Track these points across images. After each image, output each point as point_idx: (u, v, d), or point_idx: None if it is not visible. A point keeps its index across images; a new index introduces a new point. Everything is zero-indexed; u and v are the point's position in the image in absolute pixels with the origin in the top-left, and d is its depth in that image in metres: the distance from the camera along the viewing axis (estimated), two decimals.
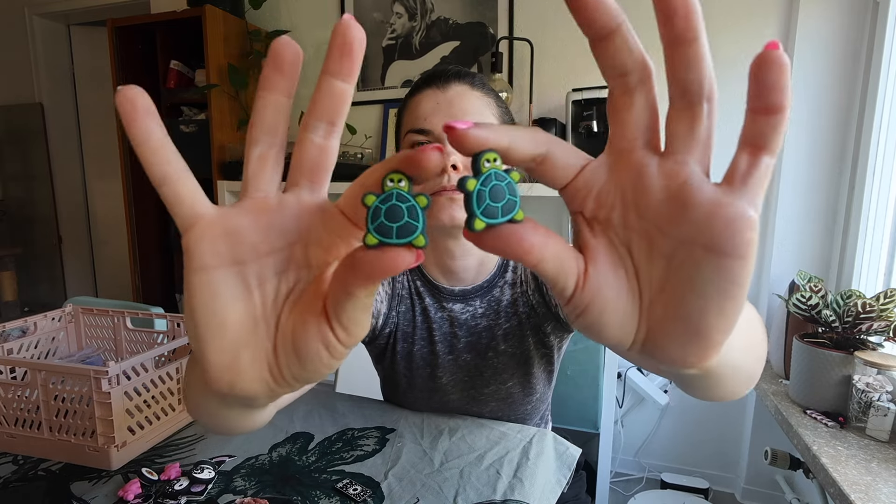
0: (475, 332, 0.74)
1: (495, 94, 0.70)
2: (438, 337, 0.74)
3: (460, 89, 0.66)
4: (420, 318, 0.75)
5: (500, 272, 0.74)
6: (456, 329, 0.74)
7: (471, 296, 0.74)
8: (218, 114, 1.89)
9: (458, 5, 1.89)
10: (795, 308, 1.24)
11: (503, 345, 0.73)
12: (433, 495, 0.61)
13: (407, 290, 0.76)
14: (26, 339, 0.89)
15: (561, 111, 1.69)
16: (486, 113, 0.66)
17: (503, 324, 0.73)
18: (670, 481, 1.74)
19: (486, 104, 0.67)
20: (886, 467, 0.97)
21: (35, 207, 2.97)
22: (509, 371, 0.74)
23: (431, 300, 0.75)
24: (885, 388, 1.08)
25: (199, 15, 1.82)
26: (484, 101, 0.67)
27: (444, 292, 0.74)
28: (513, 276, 0.74)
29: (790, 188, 1.56)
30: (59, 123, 2.89)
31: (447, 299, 0.74)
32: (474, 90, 0.67)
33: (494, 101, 0.69)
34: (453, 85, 0.66)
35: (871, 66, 1.41)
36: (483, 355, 0.74)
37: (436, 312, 0.74)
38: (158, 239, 2.20)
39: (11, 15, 2.78)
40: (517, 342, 0.73)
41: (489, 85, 0.70)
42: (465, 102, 0.65)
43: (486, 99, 0.68)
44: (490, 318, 0.73)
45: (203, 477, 0.63)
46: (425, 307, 0.74)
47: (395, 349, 0.76)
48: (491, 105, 0.68)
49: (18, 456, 0.70)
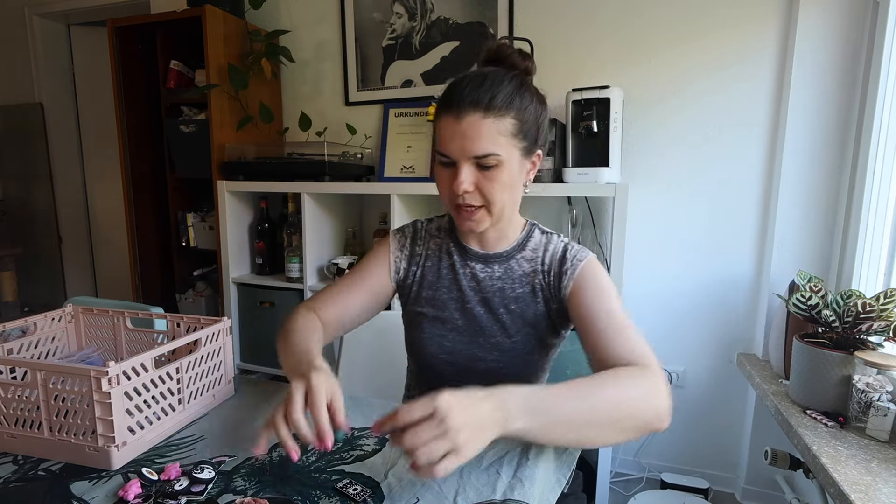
0: (490, 290, 0.87)
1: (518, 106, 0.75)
2: (460, 286, 0.89)
3: (472, 119, 0.73)
4: (446, 270, 0.90)
5: (518, 248, 0.88)
6: (475, 284, 0.88)
7: (491, 260, 0.88)
8: (218, 114, 1.89)
9: (458, 5, 1.89)
10: (795, 308, 1.24)
11: (513, 305, 0.86)
12: (433, 495, 0.61)
13: (436, 250, 0.92)
14: (26, 339, 0.89)
15: (561, 111, 1.69)
16: (498, 139, 0.74)
17: (516, 288, 0.87)
18: (670, 481, 1.74)
19: (498, 130, 0.74)
20: (886, 467, 0.97)
21: (35, 207, 2.97)
22: (515, 328, 0.86)
23: (458, 258, 0.90)
24: (885, 388, 1.08)
25: (199, 15, 1.82)
26: (497, 126, 0.74)
27: (469, 252, 0.89)
28: (532, 254, 0.87)
29: (790, 188, 1.56)
30: (59, 123, 2.89)
31: (471, 258, 0.89)
32: (487, 118, 0.73)
33: (513, 116, 0.75)
34: (466, 116, 0.73)
35: (871, 66, 1.41)
36: (495, 311, 0.87)
37: (461, 268, 0.89)
38: (158, 239, 2.19)
39: (11, 15, 2.78)
40: (525, 306, 0.86)
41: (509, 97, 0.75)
42: (476, 132, 0.73)
43: (502, 122, 0.74)
44: (505, 281, 0.87)
45: (203, 477, 0.63)
46: (452, 263, 0.90)
47: (420, 294, 0.91)
48: (506, 126, 0.74)
49: (18, 456, 0.70)
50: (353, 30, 2.05)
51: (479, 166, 0.75)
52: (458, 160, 0.75)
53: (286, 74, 2.18)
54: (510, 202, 0.81)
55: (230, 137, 1.94)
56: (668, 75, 1.70)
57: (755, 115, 1.63)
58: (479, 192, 0.77)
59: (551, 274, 0.85)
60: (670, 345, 1.80)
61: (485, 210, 0.79)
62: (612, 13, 1.73)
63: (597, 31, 1.75)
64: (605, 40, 1.75)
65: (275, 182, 1.86)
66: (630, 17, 1.71)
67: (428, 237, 0.94)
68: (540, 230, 0.91)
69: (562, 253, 0.85)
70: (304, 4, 2.12)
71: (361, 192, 1.80)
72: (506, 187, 0.77)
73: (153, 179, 2.13)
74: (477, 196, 0.77)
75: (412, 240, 0.94)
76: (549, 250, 0.87)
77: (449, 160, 0.76)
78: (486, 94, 0.74)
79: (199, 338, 0.84)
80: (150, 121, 2.11)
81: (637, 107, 1.73)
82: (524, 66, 0.81)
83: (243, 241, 2.03)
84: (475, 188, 0.77)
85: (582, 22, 1.77)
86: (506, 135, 0.75)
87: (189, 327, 0.91)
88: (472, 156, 0.74)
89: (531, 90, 0.79)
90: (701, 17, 1.64)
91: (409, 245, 0.94)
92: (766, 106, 1.61)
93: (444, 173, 0.79)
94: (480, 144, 0.73)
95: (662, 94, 1.71)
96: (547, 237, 0.89)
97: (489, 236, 0.87)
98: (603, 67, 1.76)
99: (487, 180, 0.76)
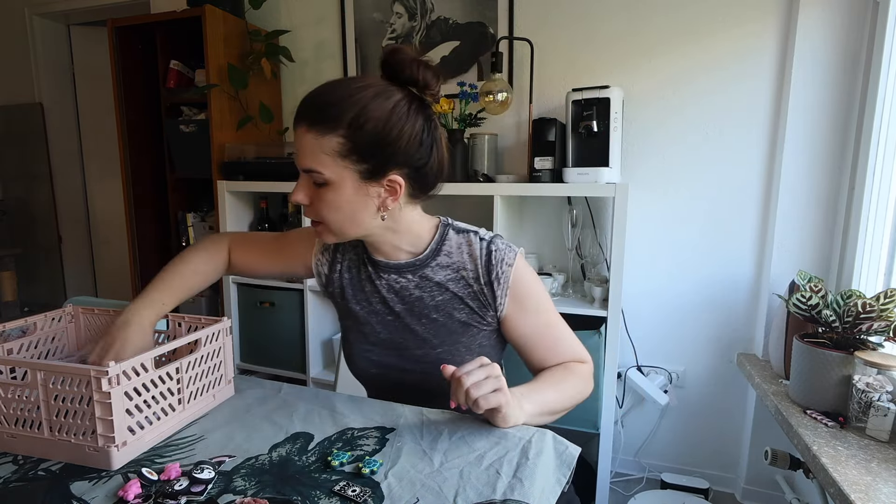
0: (409, 301, 0.86)
1: (353, 124, 0.70)
2: (380, 298, 0.87)
3: (299, 132, 0.73)
4: (366, 282, 0.89)
5: (432, 255, 0.85)
6: (393, 294, 0.87)
7: (403, 270, 0.85)
8: (218, 114, 1.89)
9: (458, 5, 1.89)
10: (795, 308, 1.24)
11: (434, 314, 0.85)
12: (433, 495, 0.61)
13: (355, 261, 0.90)
14: (26, 339, 0.89)
15: (561, 111, 1.69)
16: (320, 156, 0.71)
17: (436, 296, 0.85)
18: (670, 481, 1.74)
19: (319, 146, 0.71)
20: (886, 467, 0.97)
21: (35, 207, 2.97)
22: (439, 338, 0.85)
23: (372, 269, 0.88)
24: (885, 388, 1.08)
25: (199, 15, 1.82)
26: (318, 143, 0.71)
27: (379, 265, 0.87)
28: (448, 259, 0.84)
29: (790, 188, 1.56)
30: (59, 123, 2.89)
31: (383, 270, 0.87)
32: (310, 132, 0.71)
33: (342, 134, 0.70)
34: (298, 127, 0.73)
35: (871, 66, 1.41)
36: (417, 321, 0.86)
37: (376, 279, 0.87)
38: (158, 239, 2.19)
39: (11, 15, 2.78)
40: (448, 314, 0.85)
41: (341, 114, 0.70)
42: (301, 146, 0.73)
43: (324, 139, 0.70)
44: (423, 290, 0.85)
45: (203, 477, 0.63)
46: (369, 274, 0.88)
47: (346, 306, 0.91)
48: (330, 144, 0.70)
49: (18, 456, 0.70)
50: (353, 30, 2.05)
51: (314, 182, 0.74)
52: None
53: (286, 74, 2.18)
54: (352, 225, 0.77)
55: (230, 137, 1.95)
56: (668, 75, 1.70)
57: (755, 115, 1.63)
58: (314, 207, 0.76)
59: (481, 281, 0.83)
60: (670, 345, 1.80)
61: (324, 226, 0.78)
62: (611, 13, 1.73)
63: (597, 31, 1.75)
64: (605, 40, 1.75)
65: (275, 182, 1.86)
66: (630, 16, 1.71)
67: (348, 247, 0.91)
68: (455, 230, 0.86)
69: (486, 256, 0.82)
70: (304, 4, 2.12)
71: None
72: (336, 209, 0.74)
73: (153, 179, 2.13)
74: (314, 210, 0.77)
75: (334, 246, 0.92)
76: (469, 253, 0.83)
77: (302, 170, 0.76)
78: (313, 108, 0.71)
79: (200, 338, 0.84)
80: (150, 121, 2.11)
81: (637, 107, 1.73)
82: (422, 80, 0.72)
83: None
84: (311, 203, 0.76)
85: (582, 22, 1.77)
86: (329, 154, 0.71)
87: (189, 327, 0.91)
88: (301, 168, 0.74)
89: (396, 107, 0.71)
90: (701, 16, 1.64)
91: (331, 251, 0.92)
92: (766, 106, 1.62)
93: None
94: (303, 159, 0.72)
95: (662, 93, 1.71)
96: (463, 236, 0.85)
97: (385, 249, 0.84)
98: (603, 67, 1.76)
99: (318, 198, 0.75)
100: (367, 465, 0.65)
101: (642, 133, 1.75)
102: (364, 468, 0.65)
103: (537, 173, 1.62)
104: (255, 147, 1.95)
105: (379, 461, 0.67)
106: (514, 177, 1.72)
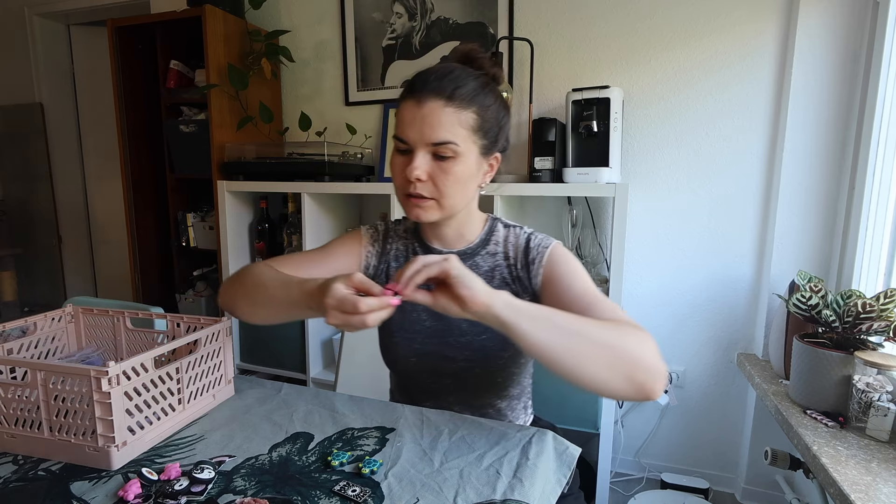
0: None
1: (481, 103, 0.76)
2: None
3: (434, 105, 0.73)
4: None
5: (481, 244, 0.87)
6: None
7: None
8: (218, 114, 1.89)
9: (458, 5, 1.89)
10: (795, 308, 1.24)
11: None
12: (433, 495, 0.61)
13: (403, 251, 0.91)
14: (26, 339, 0.89)
15: (561, 111, 1.68)
16: (457, 129, 0.74)
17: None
18: (670, 481, 1.74)
19: (458, 120, 0.74)
20: (886, 467, 0.97)
21: (35, 207, 2.97)
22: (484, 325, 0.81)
23: None
24: (885, 388, 1.08)
25: (199, 15, 1.82)
26: (457, 116, 0.74)
27: (432, 252, 0.88)
28: (495, 248, 0.87)
29: (790, 188, 1.56)
30: (59, 123, 2.89)
31: None
32: (448, 106, 0.74)
33: (475, 111, 0.76)
34: (429, 101, 0.74)
35: (871, 66, 1.41)
36: None
37: None
38: (158, 239, 2.19)
39: (11, 15, 2.78)
40: None
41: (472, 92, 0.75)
42: (437, 119, 0.73)
43: (463, 114, 0.74)
44: None
45: (203, 477, 0.63)
46: None
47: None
48: (467, 118, 0.75)
49: (18, 456, 0.70)
50: (353, 30, 2.05)
51: (436, 156, 0.75)
52: (415, 146, 0.75)
53: (286, 74, 2.18)
54: (462, 198, 0.80)
55: (230, 137, 1.94)
56: (668, 75, 1.70)
57: (755, 115, 1.63)
58: (431, 182, 0.76)
59: (518, 266, 0.85)
60: (670, 345, 1.80)
61: (435, 202, 0.78)
62: (612, 13, 1.73)
63: (597, 31, 1.75)
64: (605, 40, 1.75)
65: (275, 182, 1.86)
66: (630, 16, 1.71)
67: (396, 237, 0.93)
68: (503, 224, 0.90)
69: (525, 243, 0.85)
70: (304, 4, 2.12)
71: (361, 192, 1.80)
72: (459, 182, 0.77)
73: (153, 179, 2.13)
74: (429, 186, 0.76)
75: (384, 236, 0.93)
76: (512, 242, 0.86)
77: (406, 146, 0.76)
78: (450, 84, 0.74)
79: (199, 338, 0.84)
80: (149, 121, 2.11)
81: (637, 107, 1.73)
82: (493, 72, 0.81)
83: (243, 241, 2.03)
84: (428, 178, 0.76)
85: (582, 22, 1.77)
86: (465, 128, 0.75)
87: (189, 327, 0.91)
88: (429, 142, 0.74)
89: (496, 93, 0.79)
90: (701, 16, 1.64)
91: (381, 241, 0.92)
92: (766, 106, 1.61)
93: (400, 160, 0.78)
94: (439, 132, 0.73)
95: (662, 93, 1.71)
96: (509, 230, 0.88)
97: (448, 234, 0.87)
98: (603, 67, 1.76)
99: (442, 171, 0.75)
100: (367, 465, 0.65)
101: (642, 133, 1.75)
102: (364, 468, 0.65)
103: (537, 173, 1.62)
104: (255, 147, 1.95)
105: (379, 461, 0.67)
106: (514, 177, 1.72)
